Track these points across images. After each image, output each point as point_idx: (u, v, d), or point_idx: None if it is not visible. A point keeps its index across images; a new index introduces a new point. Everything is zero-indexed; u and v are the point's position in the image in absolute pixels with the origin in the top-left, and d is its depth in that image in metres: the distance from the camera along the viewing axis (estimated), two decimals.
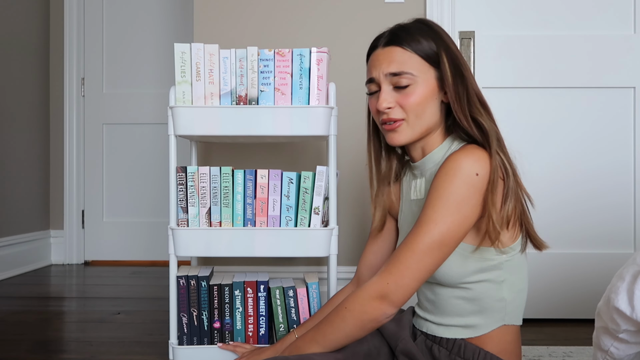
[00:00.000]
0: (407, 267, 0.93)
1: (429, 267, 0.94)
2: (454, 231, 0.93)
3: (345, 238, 1.92)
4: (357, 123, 1.94)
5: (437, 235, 0.92)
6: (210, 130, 1.40)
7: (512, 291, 1.01)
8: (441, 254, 0.94)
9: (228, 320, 1.40)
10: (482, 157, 0.94)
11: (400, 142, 1.04)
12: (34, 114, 2.93)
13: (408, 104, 1.01)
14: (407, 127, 1.02)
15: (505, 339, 1.01)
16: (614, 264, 1.82)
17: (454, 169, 0.93)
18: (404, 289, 0.93)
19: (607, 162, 1.88)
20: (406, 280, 0.93)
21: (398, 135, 1.03)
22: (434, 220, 0.93)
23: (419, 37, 1.02)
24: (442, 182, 0.94)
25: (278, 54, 1.40)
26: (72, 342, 1.68)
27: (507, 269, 1.00)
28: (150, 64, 3.11)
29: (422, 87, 1.01)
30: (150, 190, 3.10)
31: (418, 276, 0.94)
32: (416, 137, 1.04)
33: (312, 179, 1.38)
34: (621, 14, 1.87)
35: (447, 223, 0.92)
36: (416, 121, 1.02)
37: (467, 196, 0.92)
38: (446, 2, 1.89)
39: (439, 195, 0.93)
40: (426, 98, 1.01)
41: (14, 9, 2.74)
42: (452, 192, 0.92)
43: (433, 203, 0.94)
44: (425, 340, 1.06)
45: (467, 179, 0.92)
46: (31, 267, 2.87)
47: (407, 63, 1.01)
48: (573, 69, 1.87)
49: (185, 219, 1.39)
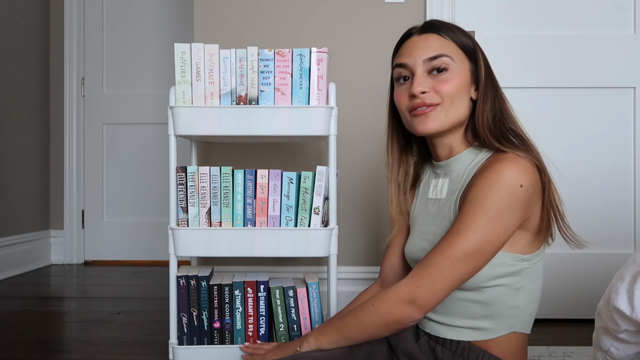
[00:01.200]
0: (440, 272, 0.91)
1: (463, 275, 0.92)
2: (492, 242, 0.91)
3: (345, 238, 1.92)
4: (357, 123, 1.94)
5: (475, 244, 0.90)
6: (210, 130, 1.40)
7: (526, 299, 0.99)
8: (477, 263, 0.92)
9: (228, 320, 1.40)
10: (527, 167, 0.92)
11: (430, 129, 1.00)
12: (34, 114, 2.93)
13: (444, 89, 0.98)
14: (440, 112, 0.99)
15: (513, 345, 1.00)
16: (614, 264, 1.82)
17: (497, 179, 0.91)
18: (434, 295, 0.92)
19: (607, 162, 1.88)
20: (438, 286, 0.91)
21: (430, 121, 1.00)
22: (472, 229, 0.90)
23: (456, 30, 1.03)
24: (484, 191, 0.91)
25: (278, 54, 1.40)
26: (72, 342, 1.68)
27: (526, 276, 0.98)
28: (150, 64, 3.11)
29: (458, 75, 1.00)
30: (150, 190, 3.10)
31: (450, 283, 0.92)
32: (447, 126, 1.01)
33: (312, 179, 1.38)
34: (621, 14, 1.87)
35: (486, 233, 0.90)
36: (450, 108, 0.99)
37: (509, 207, 0.90)
38: (446, 2, 1.89)
39: (480, 204, 0.90)
40: (462, 86, 1.00)
41: (14, 9, 2.74)
42: (495, 203, 0.90)
43: (473, 212, 0.91)
44: (429, 341, 1.04)
45: (511, 189, 0.90)
46: (31, 267, 2.87)
47: (446, 48, 1.00)
48: (573, 69, 1.87)
49: (185, 219, 1.39)
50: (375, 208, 1.94)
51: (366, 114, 1.93)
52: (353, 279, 1.92)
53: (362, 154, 1.94)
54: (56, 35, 3.08)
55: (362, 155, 1.94)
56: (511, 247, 0.95)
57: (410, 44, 1.03)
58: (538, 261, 1.00)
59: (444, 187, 1.05)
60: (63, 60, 3.07)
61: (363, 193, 1.95)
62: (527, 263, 0.97)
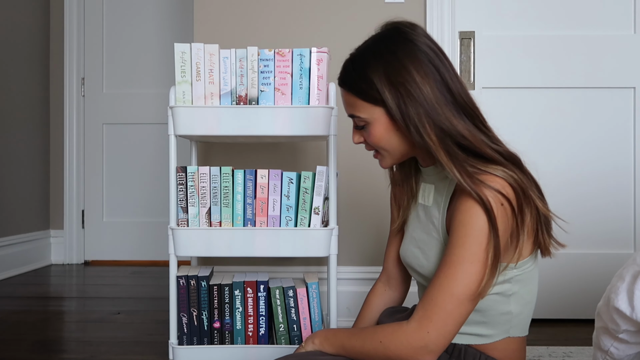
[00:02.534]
0: (448, 313, 0.88)
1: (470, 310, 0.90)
2: (483, 280, 0.89)
3: (345, 238, 1.92)
4: None
5: (469, 290, 0.88)
6: (210, 130, 1.40)
7: (519, 304, 0.98)
8: (475, 302, 0.90)
9: (228, 320, 1.40)
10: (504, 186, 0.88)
11: (386, 166, 1.06)
12: (34, 114, 2.93)
13: (370, 141, 1.02)
14: (386, 155, 1.03)
15: (510, 347, 0.99)
16: (614, 264, 1.82)
17: (469, 225, 0.88)
18: (445, 337, 0.88)
19: (606, 162, 1.88)
20: (449, 328, 0.88)
21: (382, 161, 1.05)
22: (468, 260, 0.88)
23: (357, 80, 0.99)
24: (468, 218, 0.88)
25: (278, 54, 1.40)
26: (72, 342, 1.69)
27: (517, 282, 0.97)
28: (150, 64, 3.11)
29: (375, 127, 0.99)
30: (150, 190, 3.10)
31: (460, 321, 0.89)
32: (398, 160, 1.04)
33: (312, 179, 1.38)
34: (621, 14, 1.87)
35: (472, 274, 0.87)
36: (388, 151, 1.02)
37: (487, 246, 0.88)
38: (446, 2, 1.89)
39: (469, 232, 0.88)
40: (382, 135, 0.99)
41: (14, 9, 2.74)
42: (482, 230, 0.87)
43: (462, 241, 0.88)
44: None
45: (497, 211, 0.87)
46: (31, 267, 2.87)
47: (355, 106, 1.01)
48: (573, 69, 1.87)
49: (185, 219, 1.39)
50: (375, 208, 1.94)
51: None
52: (353, 279, 1.92)
53: (362, 154, 1.94)
54: (56, 35, 3.08)
55: (362, 155, 1.94)
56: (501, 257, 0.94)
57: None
58: (529, 267, 0.98)
59: (431, 194, 1.05)
60: (63, 60, 3.07)
61: (363, 193, 1.94)
62: (517, 271, 0.96)
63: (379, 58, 0.99)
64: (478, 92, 1.86)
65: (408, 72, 0.94)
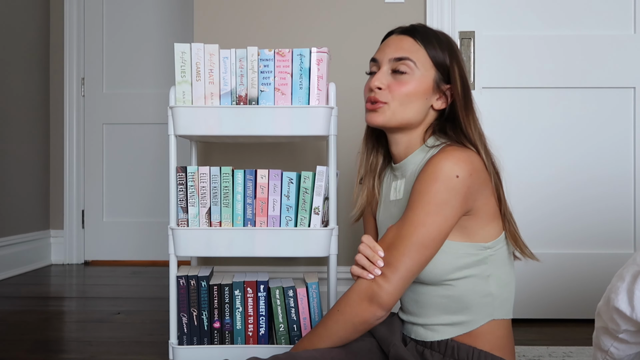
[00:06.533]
0: (391, 268, 0.95)
1: (412, 268, 0.95)
2: (434, 233, 0.95)
3: (345, 238, 1.92)
4: (357, 123, 1.93)
5: (419, 238, 0.94)
6: (210, 130, 1.40)
7: (499, 285, 1.02)
8: (423, 256, 0.95)
9: (228, 320, 1.40)
10: (462, 158, 0.96)
11: (376, 122, 1.06)
12: (34, 114, 2.93)
13: (398, 91, 1.04)
14: (387, 110, 1.04)
15: (497, 334, 1.01)
16: (614, 264, 1.82)
17: (434, 173, 0.95)
18: (391, 290, 0.94)
19: (607, 162, 1.88)
20: (393, 281, 0.94)
21: (377, 115, 1.05)
22: (415, 222, 0.94)
23: (434, 39, 1.06)
24: (423, 185, 0.96)
25: (278, 54, 1.40)
26: (72, 342, 1.69)
27: (493, 263, 1.01)
28: (150, 64, 3.11)
29: (416, 81, 1.04)
30: (150, 190, 3.10)
31: (403, 275, 0.95)
32: (392, 124, 1.05)
33: (312, 179, 1.38)
34: (621, 14, 1.87)
35: (427, 225, 0.94)
36: (398, 109, 1.04)
37: (447, 199, 0.94)
38: (446, 2, 1.89)
39: (420, 198, 0.95)
40: (417, 93, 1.04)
41: (14, 9, 2.74)
42: (433, 196, 0.94)
43: (415, 205, 0.96)
44: (416, 346, 1.05)
45: (447, 182, 0.94)
46: (31, 267, 2.87)
47: (414, 54, 1.04)
48: (573, 69, 1.87)
49: (185, 219, 1.39)
50: None
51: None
52: (353, 279, 1.92)
53: None
54: (56, 35, 3.08)
55: None
56: (470, 237, 0.99)
57: (386, 42, 1.09)
58: (501, 247, 1.02)
59: (402, 188, 1.09)
60: (63, 60, 3.07)
61: None
62: (490, 250, 1.00)
63: (452, 42, 1.09)
64: (478, 92, 1.86)
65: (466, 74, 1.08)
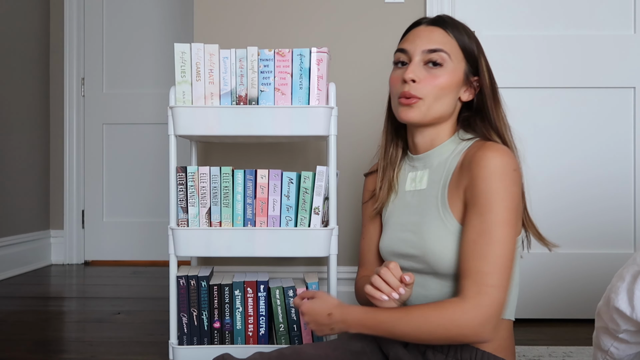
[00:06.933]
0: (498, 281, 0.90)
1: (510, 274, 0.93)
2: (517, 228, 0.95)
3: (345, 238, 1.92)
4: (357, 123, 1.94)
5: (511, 241, 0.92)
6: (210, 130, 1.40)
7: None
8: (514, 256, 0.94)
9: (228, 320, 1.40)
10: (509, 153, 0.97)
11: (412, 119, 1.03)
12: (34, 114, 2.93)
13: (433, 84, 1.02)
14: (423, 105, 1.02)
15: (500, 335, 1.00)
16: (614, 264, 1.82)
17: (495, 169, 0.93)
18: (501, 308, 0.91)
19: (606, 162, 1.88)
20: (501, 298, 0.90)
21: (412, 111, 1.03)
22: (498, 222, 0.91)
23: (463, 31, 1.06)
24: (489, 183, 0.93)
25: (278, 54, 1.40)
26: (72, 342, 1.69)
27: None
28: (150, 64, 3.11)
29: (450, 74, 1.03)
30: (150, 190, 3.10)
31: (507, 286, 0.92)
32: (427, 120, 1.04)
33: (312, 179, 1.38)
34: (621, 14, 1.87)
35: (511, 223, 0.93)
36: (433, 103, 1.02)
37: (516, 191, 0.95)
38: (446, 2, 1.89)
39: (493, 197, 0.92)
40: (451, 86, 1.03)
41: (14, 9, 2.74)
42: (505, 192, 0.93)
43: (489, 208, 0.92)
44: (418, 346, 1.03)
45: (511, 175, 0.94)
46: (31, 267, 2.87)
47: (447, 45, 1.03)
48: (573, 69, 1.87)
49: (185, 219, 1.39)
50: None
51: (366, 114, 1.93)
52: (353, 279, 1.92)
53: (362, 154, 1.94)
54: (56, 35, 3.08)
55: (362, 155, 1.94)
56: None
57: (415, 32, 1.07)
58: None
59: (424, 178, 1.07)
60: (63, 60, 3.07)
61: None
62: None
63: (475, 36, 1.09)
64: None
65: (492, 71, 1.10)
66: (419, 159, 1.09)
